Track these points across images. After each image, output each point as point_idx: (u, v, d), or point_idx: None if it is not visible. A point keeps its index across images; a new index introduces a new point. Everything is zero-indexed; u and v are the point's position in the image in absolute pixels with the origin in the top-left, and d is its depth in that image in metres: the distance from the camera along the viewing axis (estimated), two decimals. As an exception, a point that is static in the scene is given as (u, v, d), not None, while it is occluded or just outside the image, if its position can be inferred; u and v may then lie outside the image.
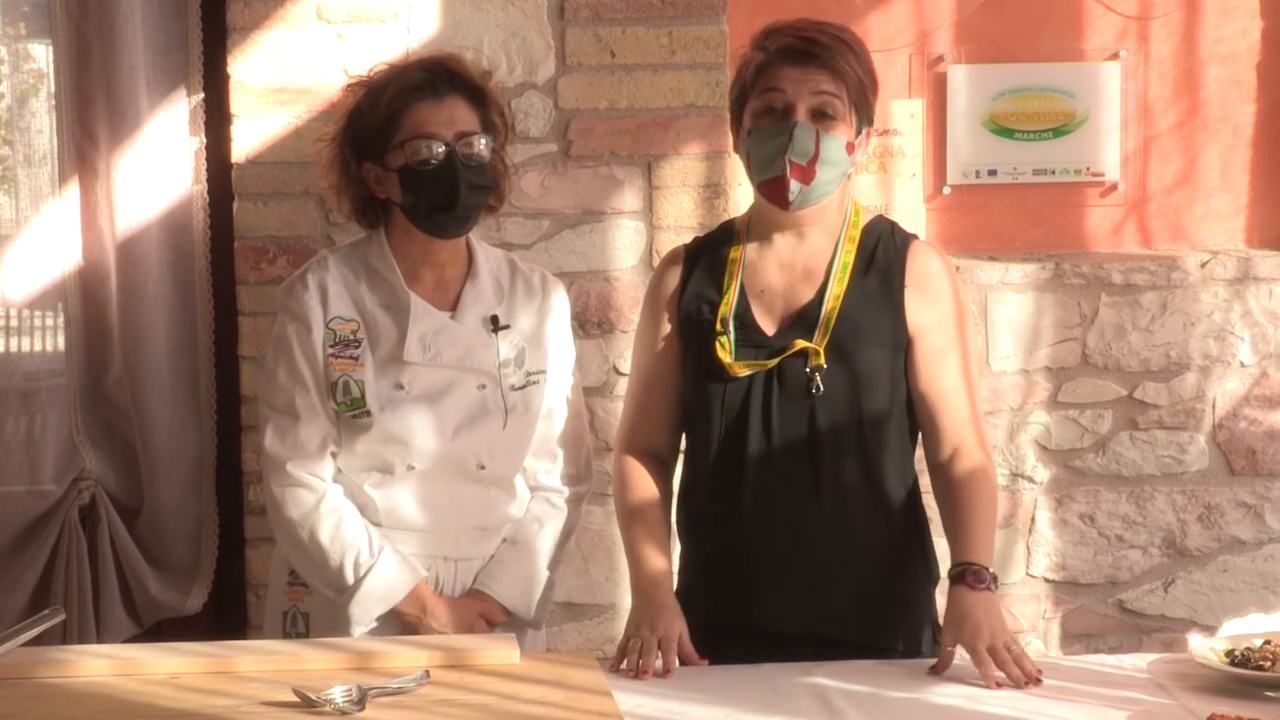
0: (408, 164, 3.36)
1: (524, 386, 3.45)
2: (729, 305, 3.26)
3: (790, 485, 3.22)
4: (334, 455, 3.42)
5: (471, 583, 3.46)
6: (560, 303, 3.54)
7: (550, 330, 3.50)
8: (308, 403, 3.40)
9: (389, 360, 3.40)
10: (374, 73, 3.48)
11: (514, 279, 3.51)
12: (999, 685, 2.97)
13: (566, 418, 3.53)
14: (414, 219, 3.39)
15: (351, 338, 3.40)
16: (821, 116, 3.20)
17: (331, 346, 3.40)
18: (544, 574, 3.49)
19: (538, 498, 3.52)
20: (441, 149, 3.36)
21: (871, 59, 3.30)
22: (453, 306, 3.44)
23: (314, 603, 3.46)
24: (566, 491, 3.54)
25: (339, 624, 3.38)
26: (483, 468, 3.42)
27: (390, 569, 3.37)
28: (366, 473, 3.41)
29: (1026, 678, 2.97)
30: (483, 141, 3.40)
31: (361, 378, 3.38)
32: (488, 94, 3.45)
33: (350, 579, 3.36)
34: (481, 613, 3.42)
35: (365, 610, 3.37)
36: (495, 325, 3.44)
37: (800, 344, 3.21)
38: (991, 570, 3.15)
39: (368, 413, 3.37)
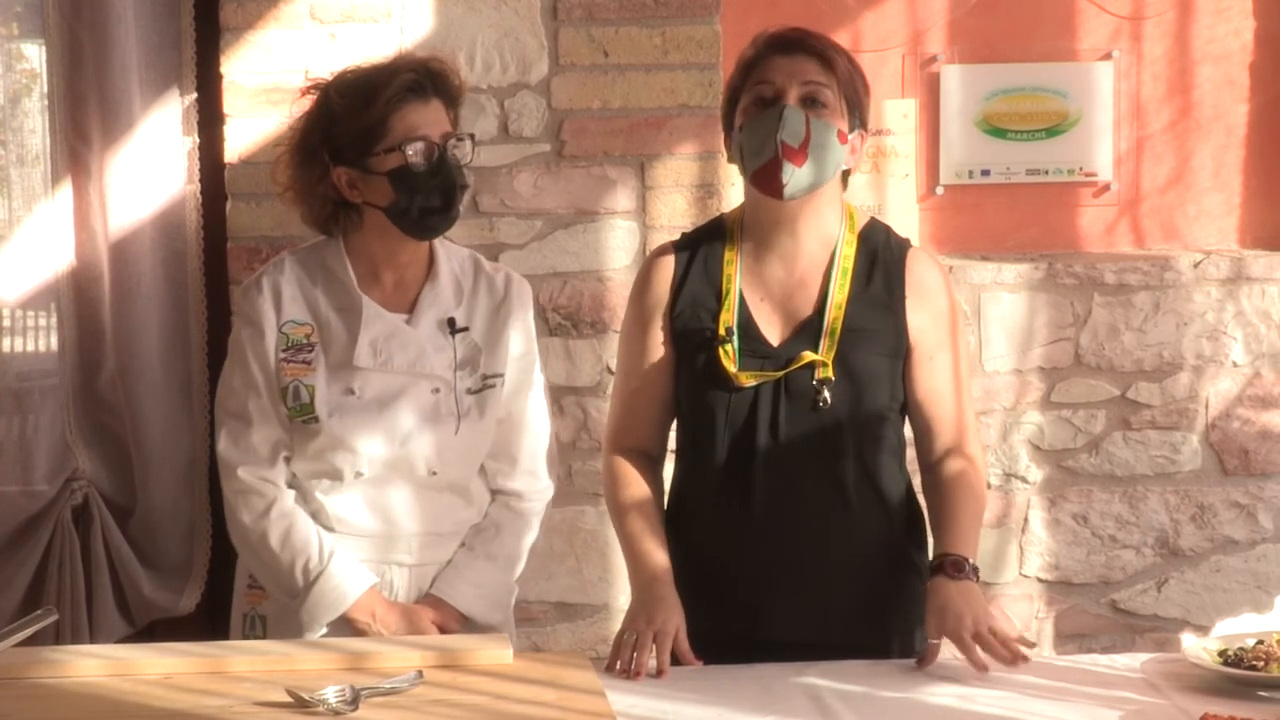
0: (404, 166, 3.31)
1: (479, 390, 3.40)
2: (730, 313, 3.24)
3: (798, 491, 3.21)
4: (287, 460, 3.39)
5: (428, 588, 3.44)
6: (523, 304, 3.47)
7: (511, 332, 3.44)
8: (260, 407, 3.36)
9: (340, 365, 3.36)
10: (345, 75, 3.41)
11: (477, 280, 3.45)
12: (985, 669, 2.97)
13: (528, 420, 3.48)
14: (402, 221, 3.34)
15: (305, 342, 3.37)
16: (812, 103, 3.19)
17: (284, 351, 3.36)
18: (502, 580, 3.45)
19: (497, 501, 3.48)
20: (435, 151, 3.34)
21: (861, 67, 3.28)
22: (410, 309, 3.41)
23: (271, 606, 3.44)
24: (526, 495, 3.49)
25: (294, 628, 3.35)
26: (434, 473, 3.38)
27: (339, 575, 3.33)
28: (317, 479, 3.38)
29: (1014, 656, 2.97)
30: (466, 143, 3.38)
31: (312, 382, 3.34)
32: (461, 98, 3.43)
33: (300, 584, 3.33)
34: (435, 620, 3.38)
35: (314, 616, 3.34)
36: (452, 328, 3.41)
37: (808, 357, 3.20)
38: (973, 562, 3.14)
39: (316, 418, 3.35)
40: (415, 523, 3.40)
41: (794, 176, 3.16)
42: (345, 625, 3.35)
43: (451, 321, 3.40)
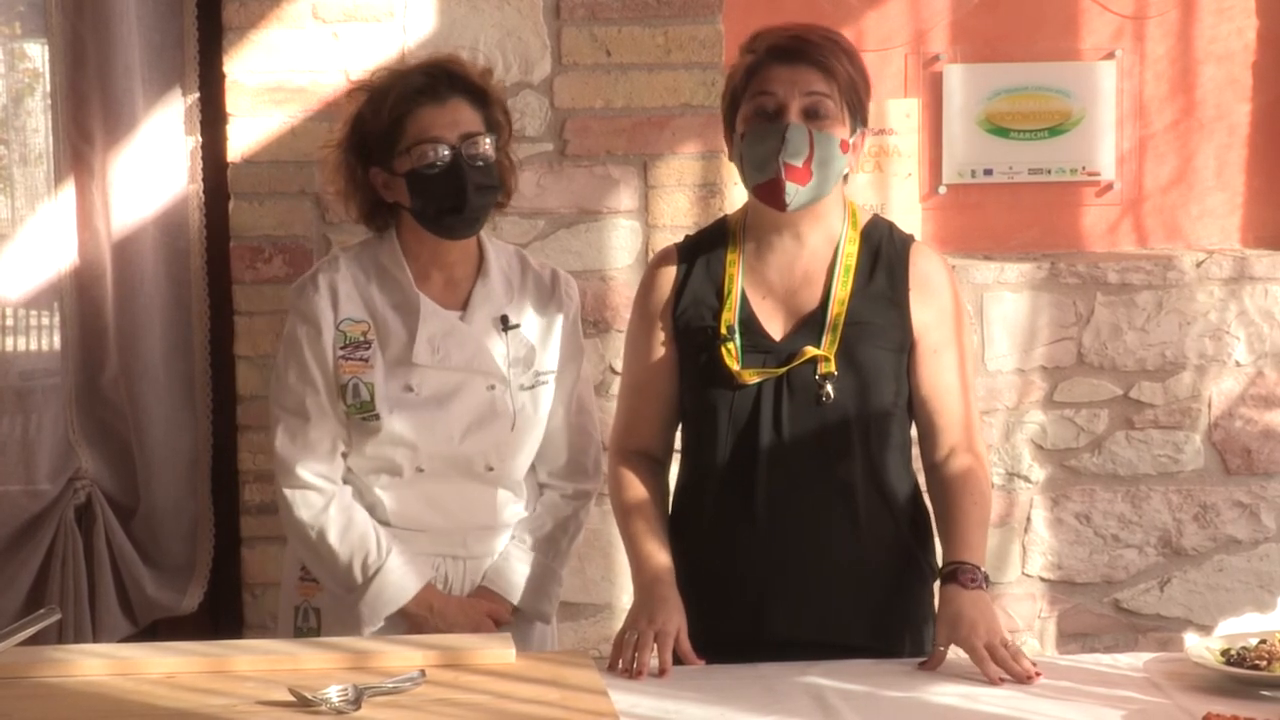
0: (414, 169, 3.36)
1: (533, 386, 3.46)
2: (732, 310, 3.24)
3: (802, 489, 3.21)
4: (344, 456, 3.43)
5: (480, 580, 3.47)
6: (571, 300, 3.53)
7: (560, 328, 3.50)
8: (318, 404, 3.41)
9: (398, 362, 3.40)
10: (376, 77, 3.48)
11: (524, 276, 3.51)
12: (1001, 681, 2.97)
13: (575, 415, 3.53)
14: (423, 222, 3.40)
15: (362, 339, 3.41)
16: (814, 116, 3.18)
17: (342, 348, 3.41)
18: (550, 570, 3.50)
19: (546, 495, 3.54)
20: (447, 152, 3.36)
21: (863, 60, 3.27)
22: (463, 306, 3.44)
23: (325, 598, 3.48)
24: (573, 489, 3.55)
25: (350, 620, 3.39)
26: (491, 469, 3.43)
27: (398, 570, 3.38)
28: (375, 474, 3.43)
29: (1027, 674, 2.98)
30: (487, 141, 3.40)
31: (371, 380, 3.39)
32: (489, 93, 3.45)
33: (359, 579, 3.38)
34: (489, 611, 3.43)
35: (374, 610, 3.39)
36: (505, 325, 3.44)
37: (810, 351, 3.20)
38: (983, 570, 3.15)
39: (376, 415, 3.37)
40: (470, 517, 3.45)
41: (796, 194, 3.17)
42: (403, 619, 3.40)
43: (505, 318, 3.43)
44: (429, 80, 3.39)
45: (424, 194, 3.37)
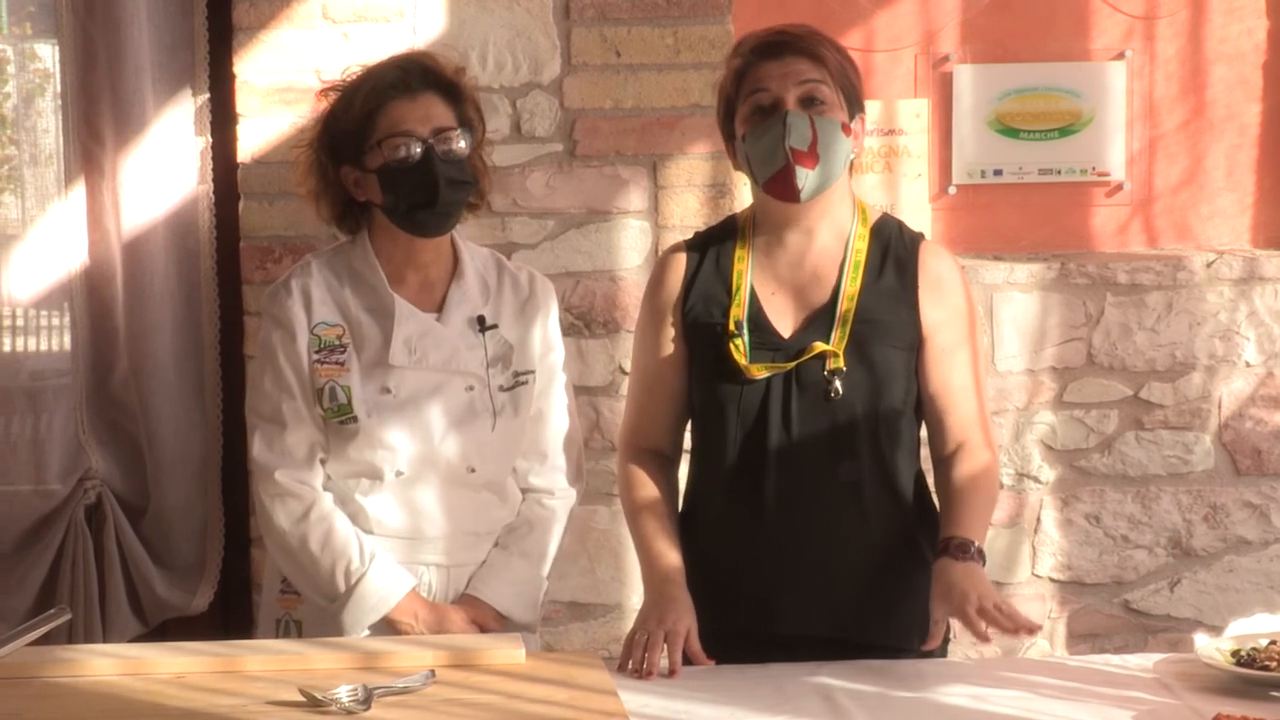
0: (386, 163, 3.31)
1: (512, 387, 3.41)
2: (741, 307, 3.24)
3: (810, 485, 3.21)
4: (323, 462, 3.39)
5: (464, 589, 3.44)
6: (548, 302, 3.49)
7: (538, 330, 3.46)
8: (294, 410, 3.36)
9: (375, 364, 3.36)
10: (346, 75, 3.44)
11: (501, 278, 3.47)
12: (988, 640, 2.96)
13: (557, 418, 3.49)
14: (395, 218, 3.35)
15: (337, 343, 3.37)
16: (811, 103, 3.19)
17: (317, 352, 3.36)
18: (536, 577, 3.46)
19: (529, 500, 3.49)
20: (419, 146, 3.32)
21: (848, 51, 3.28)
22: (438, 308, 3.41)
23: (306, 610, 3.43)
24: (557, 493, 3.50)
25: (331, 632, 3.34)
26: (473, 470, 3.38)
27: (382, 577, 3.33)
28: (355, 479, 3.38)
29: (1020, 626, 2.96)
30: (460, 137, 3.37)
31: (348, 383, 3.34)
32: (462, 90, 3.40)
33: (341, 587, 3.33)
34: (474, 619, 3.38)
35: (357, 619, 3.34)
36: (482, 325, 3.41)
37: (819, 347, 3.20)
38: (978, 545, 3.13)
39: (355, 418, 3.33)
40: (453, 522, 3.40)
41: (807, 180, 3.17)
42: (386, 627, 3.34)
43: (481, 319, 3.40)
44: (401, 74, 3.35)
45: (395, 189, 3.32)
